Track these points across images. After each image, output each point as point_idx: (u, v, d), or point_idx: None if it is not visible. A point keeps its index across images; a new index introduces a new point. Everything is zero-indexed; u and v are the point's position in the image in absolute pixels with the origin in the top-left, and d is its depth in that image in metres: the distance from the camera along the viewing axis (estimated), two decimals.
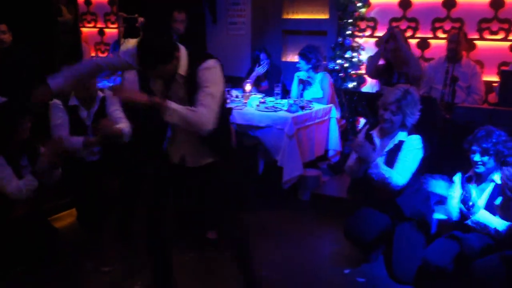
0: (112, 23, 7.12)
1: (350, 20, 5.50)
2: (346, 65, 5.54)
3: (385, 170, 3.06)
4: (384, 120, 3.17)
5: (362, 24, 5.54)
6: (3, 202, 3.21)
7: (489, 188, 2.90)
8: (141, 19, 4.93)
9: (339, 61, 5.57)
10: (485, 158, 2.82)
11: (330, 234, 3.90)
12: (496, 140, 2.80)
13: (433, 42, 5.24)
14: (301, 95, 5.02)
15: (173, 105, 2.36)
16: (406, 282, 3.08)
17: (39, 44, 4.70)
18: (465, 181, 2.96)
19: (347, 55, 5.53)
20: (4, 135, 3.23)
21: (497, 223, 2.77)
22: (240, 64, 6.02)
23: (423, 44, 5.28)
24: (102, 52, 6.74)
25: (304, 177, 4.57)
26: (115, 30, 6.49)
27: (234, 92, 5.14)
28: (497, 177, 2.85)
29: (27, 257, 3.31)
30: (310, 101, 4.82)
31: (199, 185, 2.80)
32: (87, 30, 7.02)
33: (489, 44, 4.98)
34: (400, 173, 3.08)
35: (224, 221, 2.91)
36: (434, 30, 5.22)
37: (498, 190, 2.84)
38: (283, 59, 6.40)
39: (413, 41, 5.21)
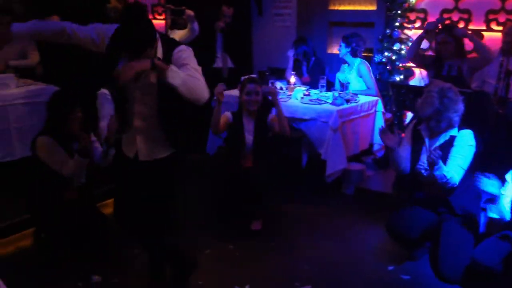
0: (159, 14, 7.23)
1: (399, 11, 5.36)
2: (393, 57, 5.42)
3: (446, 171, 2.96)
4: (431, 127, 3.09)
5: (412, 16, 5.39)
6: (57, 185, 3.33)
7: None
8: (188, 12, 4.97)
9: (386, 54, 5.45)
10: None
11: (373, 230, 3.85)
12: None
13: (486, 34, 5.04)
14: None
15: (175, 68, 2.33)
16: (453, 281, 2.99)
17: None
18: None
19: (395, 47, 5.41)
20: (57, 120, 3.34)
21: None
22: (285, 56, 5.99)
23: (476, 36, 5.09)
24: None
25: (348, 171, 4.51)
26: (162, 22, 6.59)
27: (279, 84, 5.12)
28: None
29: (76, 240, 3.43)
30: (355, 94, 4.75)
31: (148, 181, 2.62)
32: None
33: None
34: (455, 170, 2.99)
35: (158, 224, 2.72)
36: (487, 22, 5.02)
37: None
38: (329, 51, 6.32)
39: None
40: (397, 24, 5.39)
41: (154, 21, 6.30)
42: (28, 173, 3.46)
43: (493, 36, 4.92)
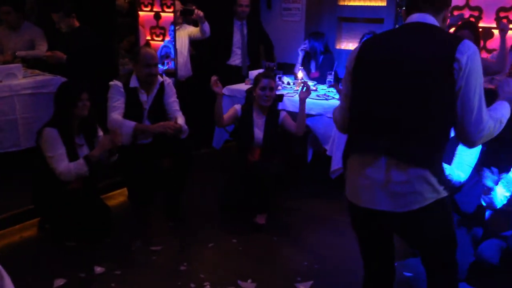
0: (168, 7, 7.21)
1: None
2: None
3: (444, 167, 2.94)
4: None
5: None
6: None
7: None
8: (198, 12, 4.99)
9: None
10: None
11: None
12: None
13: (496, 32, 4.98)
14: None
15: None
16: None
17: (99, 27, 4.84)
18: None
19: None
20: (64, 110, 3.34)
21: None
22: (293, 51, 5.95)
23: (487, 34, 5.03)
24: (157, 36, 6.85)
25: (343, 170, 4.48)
26: (171, 15, 6.60)
27: (286, 79, 5.10)
28: None
29: (81, 231, 3.45)
30: None
31: None
32: (144, 14, 7.15)
33: None
34: (461, 169, 2.95)
35: None
36: (498, 19, 4.96)
37: None
38: (337, 47, 6.28)
39: None
40: None
41: (163, 14, 6.32)
42: (33, 163, 3.48)
43: None
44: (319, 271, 3.18)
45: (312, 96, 4.57)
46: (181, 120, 3.78)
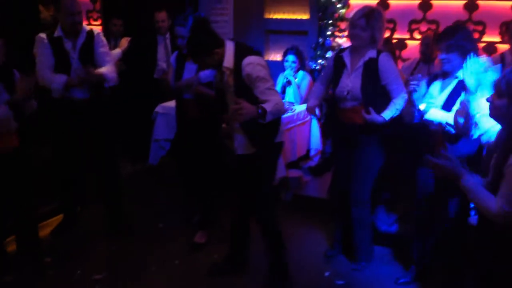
0: (95, 20, 7.15)
1: (330, 21, 5.61)
2: (326, 64, 5.65)
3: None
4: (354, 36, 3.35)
5: (342, 25, 5.64)
6: None
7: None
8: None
9: (320, 61, 5.69)
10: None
11: (311, 235, 4.06)
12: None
13: (410, 43, 5.39)
14: (283, 97, 5.12)
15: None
16: None
17: (20, 43, 4.74)
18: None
19: (327, 55, 5.65)
20: None
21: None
22: None
23: (400, 44, 5.43)
24: None
25: (286, 178, 4.69)
26: (99, 27, 6.54)
27: None
28: None
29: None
30: (292, 103, 4.94)
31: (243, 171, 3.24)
32: None
33: None
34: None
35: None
36: (411, 31, 5.36)
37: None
38: (266, 58, 6.48)
39: None
40: (329, 32, 5.63)
41: (90, 26, 6.23)
42: None
43: (416, 45, 5.26)
44: (255, 284, 3.33)
45: None
46: (106, 69, 3.78)
